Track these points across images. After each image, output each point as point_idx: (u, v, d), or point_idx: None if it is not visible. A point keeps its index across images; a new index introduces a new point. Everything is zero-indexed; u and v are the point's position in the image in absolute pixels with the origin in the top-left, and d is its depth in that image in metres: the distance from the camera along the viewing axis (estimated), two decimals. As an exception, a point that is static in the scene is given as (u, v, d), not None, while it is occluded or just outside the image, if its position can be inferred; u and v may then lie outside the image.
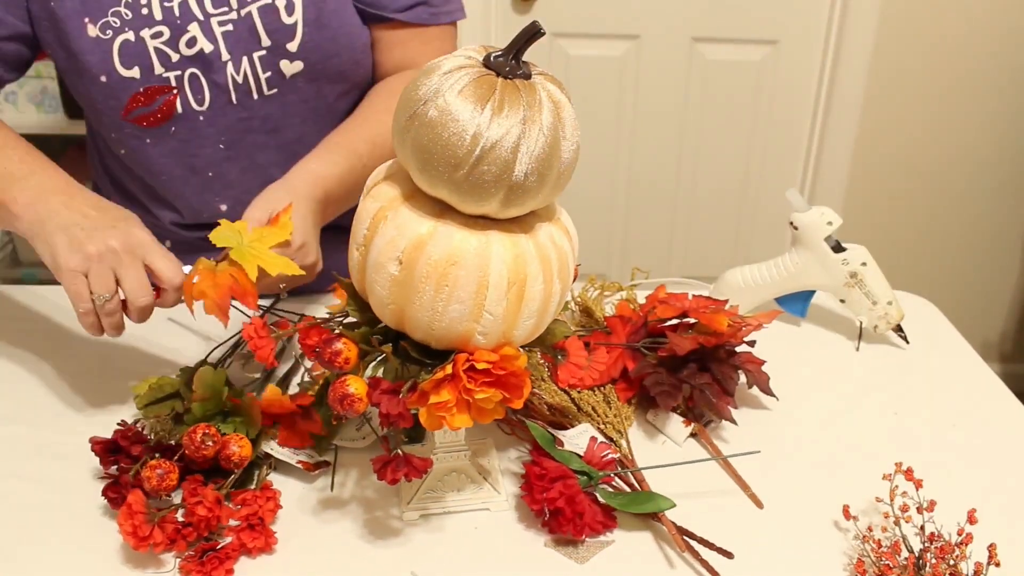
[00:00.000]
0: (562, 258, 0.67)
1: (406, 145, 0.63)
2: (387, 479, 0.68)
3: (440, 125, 0.60)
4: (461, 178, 0.60)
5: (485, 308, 0.63)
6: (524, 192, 0.62)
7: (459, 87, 0.60)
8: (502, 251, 0.63)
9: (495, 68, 0.62)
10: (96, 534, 0.73)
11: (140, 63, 0.95)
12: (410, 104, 0.62)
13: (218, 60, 0.96)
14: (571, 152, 0.63)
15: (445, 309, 0.63)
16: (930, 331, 1.08)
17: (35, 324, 1.05)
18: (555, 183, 0.63)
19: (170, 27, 0.94)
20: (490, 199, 0.61)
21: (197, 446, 0.73)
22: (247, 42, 0.97)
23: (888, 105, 2.13)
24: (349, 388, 0.65)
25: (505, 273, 0.63)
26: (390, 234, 0.63)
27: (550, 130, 0.61)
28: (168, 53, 0.95)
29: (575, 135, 0.63)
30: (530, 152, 0.60)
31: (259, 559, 0.72)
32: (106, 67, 0.94)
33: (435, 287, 0.62)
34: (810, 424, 0.90)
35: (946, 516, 0.72)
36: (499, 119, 0.60)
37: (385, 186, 0.67)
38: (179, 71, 0.96)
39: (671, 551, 0.73)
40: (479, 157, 0.59)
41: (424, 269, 0.62)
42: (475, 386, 0.64)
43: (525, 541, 0.74)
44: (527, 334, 0.67)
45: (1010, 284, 2.39)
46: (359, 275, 0.67)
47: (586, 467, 0.76)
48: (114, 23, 0.93)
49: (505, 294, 0.63)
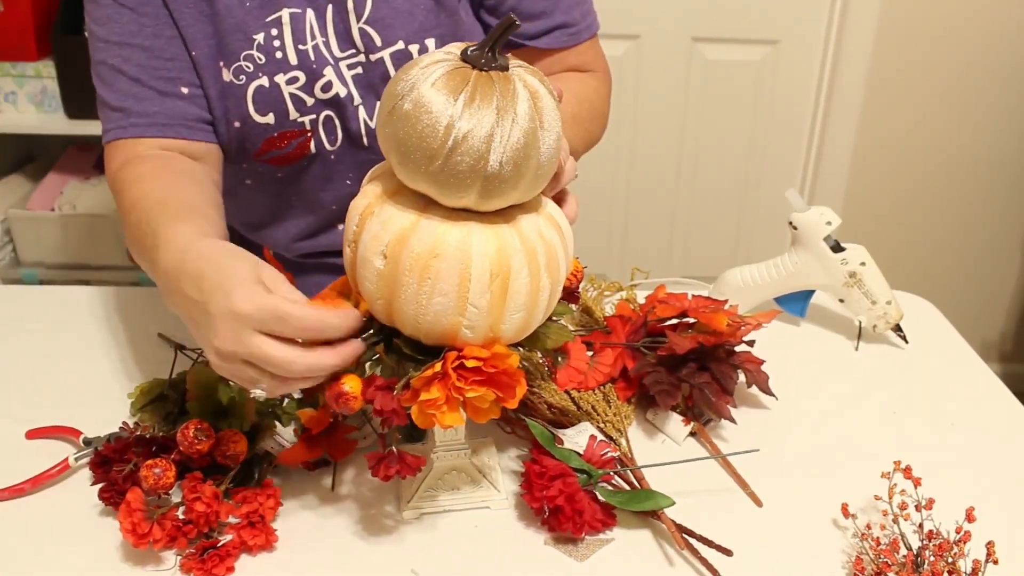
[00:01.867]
0: (550, 251, 0.66)
1: (387, 140, 0.63)
2: (380, 476, 0.68)
3: (415, 118, 0.60)
4: (437, 169, 0.61)
5: (469, 301, 0.63)
6: (502, 183, 0.62)
7: (432, 79, 0.61)
8: (484, 243, 0.63)
9: (471, 61, 0.62)
10: (97, 532, 0.74)
11: (275, 109, 0.93)
12: (389, 99, 0.62)
13: (351, 105, 0.95)
14: (551, 143, 0.63)
15: (429, 302, 0.63)
16: (929, 331, 1.08)
17: (35, 324, 1.05)
18: (535, 174, 0.63)
19: (305, 72, 0.92)
20: (467, 191, 0.62)
21: (191, 442, 0.73)
22: (378, 87, 0.95)
23: (888, 105, 2.13)
24: (344, 387, 0.65)
25: (487, 265, 0.63)
26: (375, 229, 0.64)
27: (527, 120, 0.61)
28: (303, 98, 0.93)
29: (555, 126, 0.63)
30: (504, 142, 0.60)
31: (259, 557, 0.72)
32: (240, 113, 0.92)
33: (418, 280, 0.63)
34: (809, 423, 0.90)
35: (944, 514, 0.72)
36: (471, 109, 0.60)
37: (374, 184, 0.67)
38: (314, 115, 0.94)
39: (670, 549, 0.73)
40: (452, 148, 0.60)
41: (407, 262, 0.63)
42: (466, 384, 0.64)
43: (525, 539, 0.75)
44: (516, 329, 0.67)
45: (1010, 284, 2.39)
46: (351, 272, 0.68)
47: (586, 465, 0.76)
48: (247, 67, 0.91)
49: (488, 286, 0.63)
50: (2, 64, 1.87)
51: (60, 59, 1.85)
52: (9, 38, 1.85)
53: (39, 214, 1.91)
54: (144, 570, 0.70)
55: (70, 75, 1.86)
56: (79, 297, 1.12)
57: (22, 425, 0.86)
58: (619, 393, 0.89)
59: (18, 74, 1.89)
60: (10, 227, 1.93)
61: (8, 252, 1.96)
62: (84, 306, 1.09)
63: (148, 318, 1.05)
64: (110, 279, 1.93)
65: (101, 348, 1.00)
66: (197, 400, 0.78)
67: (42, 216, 1.91)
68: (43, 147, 2.13)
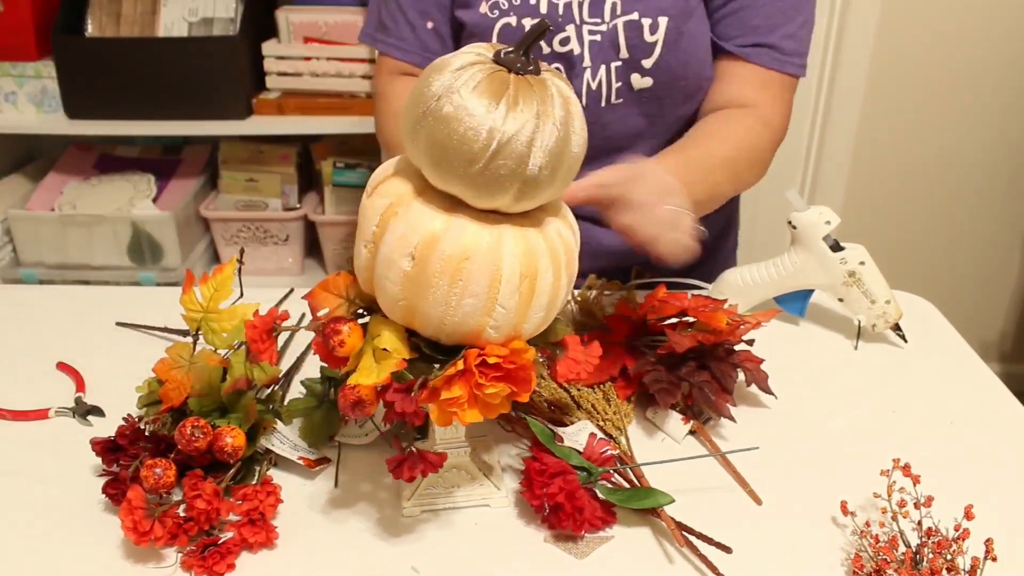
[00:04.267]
0: (568, 252, 0.68)
1: (419, 141, 0.63)
2: (404, 477, 0.69)
3: (455, 120, 0.60)
4: (476, 173, 0.61)
5: (498, 302, 0.64)
6: (537, 185, 0.63)
7: (473, 83, 0.61)
8: (514, 245, 0.64)
9: (506, 64, 0.63)
10: (98, 529, 0.74)
11: None
12: (422, 101, 0.63)
13: (580, 64, 1.03)
14: (579, 146, 0.65)
15: (459, 303, 0.64)
16: (929, 330, 1.08)
17: (35, 324, 1.05)
18: (565, 176, 0.65)
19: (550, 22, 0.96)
20: (504, 193, 0.62)
21: (188, 439, 0.73)
22: (607, 52, 1.02)
23: (888, 105, 2.13)
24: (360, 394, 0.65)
25: (517, 267, 0.64)
26: (401, 230, 0.64)
27: (562, 124, 0.62)
28: (541, 46, 1.01)
29: (583, 130, 0.65)
30: (544, 146, 0.61)
31: (260, 554, 0.72)
32: None
33: (449, 282, 0.63)
34: (809, 421, 0.90)
35: (943, 512, 0.72)
36: (514, 114, 0.61)
37: (394, 182, 0.67)
38: None
39: (670, 547, 0.73)
40: (495, 152, 0.60)
41: (437, 264, 0.63)
42: (486, 381, 0.65)
43: (525, 537, 0.75)
44: (535, 327, 0.68)
45: (1010, 284, 2.39)
46: (366, 273, 0.68)
47: (586, 463, 0.76)
48: (503, 4, 1.01)
49: (517, 288, 0.64)
50: (2, 64, 1.87)
51: (60, 59, 1.85)
52: (9, 38, 1.85)
53: (39, 214, 1.91)
54: (145, 567, 0.70)
55: (70, 75, 1.86)
56: (79, 297, 1.13)
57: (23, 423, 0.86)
58: (619, 392, 0.89)
59: (18, 74, 1.89)
60: (10, 227, 1.93)
61: (8, 252, 1.96)
62: (84, 306, 1.10)
63: (148, 318, 1.06)
64: (110, 279, 1.93)
65: (101, 348, 1.00)
66: (197, 397, 0.78)
67: (42, 216, 1.91)
68: (43, 147, 2.13)
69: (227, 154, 2.02)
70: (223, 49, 1.82)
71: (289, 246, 2.04)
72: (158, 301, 1.10)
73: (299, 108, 1.90)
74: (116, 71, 1.85)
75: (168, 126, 1.89)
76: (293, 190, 2.03)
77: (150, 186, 1.98)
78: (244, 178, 2.01)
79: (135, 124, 1.89)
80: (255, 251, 2.05)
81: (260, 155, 2.02)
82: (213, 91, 1.86)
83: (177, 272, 1.93)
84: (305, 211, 2.02)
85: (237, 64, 1.83)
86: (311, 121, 1.90)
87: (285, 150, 2.02)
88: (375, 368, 0.66)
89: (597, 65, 1.03)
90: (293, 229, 2.02)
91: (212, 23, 1.87)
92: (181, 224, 1.94)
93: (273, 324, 0.71)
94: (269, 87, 1.93)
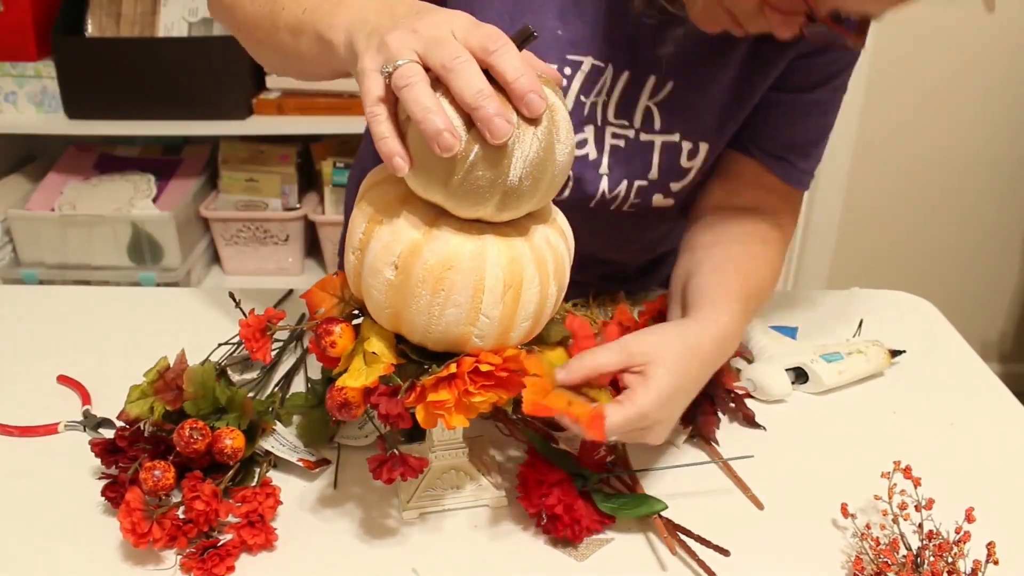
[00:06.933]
0: (558, 259, 0.67)
1: None
2: (383, 478, 0.68)
3: None
4: (456, 183, 0.60)
5: (482, 312, 0.63)
6: (519, 196, 0.62)
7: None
8: (497, 255, 0.63)
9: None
10: (97, 531, 0.74)
11: None
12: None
13: (594, 169, 0.91)
14: (565, 155, 0.63)
15: (442, 313, 0.63)
16: (929, 331, 1.08)
17: (35, 324, 1.05)
18: (549, 186, 0.63)
19: None
20: (485, 204, 0.61)
21: (187, 441, 0.73)
22: (634, 167, 0.92)
23: (888, 105, 2.13)
24: (347, 396, 0.65)
25: (501, 277, 0.63)
26: (385, 239, 0.64)
27: (544, 134, 0.61)
28: None
29: (569, 138, 0.63)
30: (524, 156, 0.60)
31: (259, 556, 0.72)
32: None
33: (431, 291, 0.62)
34: (808, 422, 0.90)
35: (944, 515, 0.72)
36: None
37: (379, 190, 0.67)
38: None
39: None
40: (473, 163, 0.59)
41: (420, 274, 0.62)
42: (475, 389, 0.64)
43: (525, 539, 0.75)
44: (523, 335, 0.67)
45: (1010, 284, 2.39)
46: (355, 279, 0.67)
47: (581, 469, 0.76)
48: None
49: (501, 298, 0.63)
50: (2, 64, 1.87)
51: (60, 59, 1.85)
52: (9, 38, 1.85)
53: (39, 214, 1.91)
54: (144, 569, 0.70)
55: (70, 75, 1.86)
56: (79, 297, 1.13)
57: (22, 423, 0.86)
58: (618, 393, 0.89)
59: (18, 74, 1.89)
60: (10, 227, 1.93)
61: (8, 252, 1.96)
62: (84, 306, 1.09)
63: (148, 318, 1.06)
64: (110, 279, 1.93)
65: (101, 348, 1.00)
66: (194, 399, 0.78)
67: (42, 216, 1.91)
68: (43, 147, 2.13)
69: (227, 154, 2.03)
70: (223, 49, 1.82)
71: (289, 246, 2.05)
72: (158, 301, 1.10)
73: (299, 108, 1.90)
74: (116, 71, 1.85)
75: (168, 126, 1.89)
76: (293, 190, 2.03)
77: (150, 186, 1.98)
78: (244, 178, 2.02)
79: (135, 124, 1.89)
80: (255, 251, 2.05)
81: (260, 155, 2.02)
82: (213, 91, 1.86)
83: (177, 272, 1.93)
84: (305, 211, 2.02)
85: (237, 64, 1.83)
86: (311, 121, 1.90)
87: (285, 150, 2.02)
88: (364, 371, 0.65)
89: (618, 177, 0.92)
90: (293, 229, 2.02)
91: (212, 23, 1.87)
92: (181, 224, 1.94)
93: (267, 323, 0.72)
94: (269, 87, 1.93)
